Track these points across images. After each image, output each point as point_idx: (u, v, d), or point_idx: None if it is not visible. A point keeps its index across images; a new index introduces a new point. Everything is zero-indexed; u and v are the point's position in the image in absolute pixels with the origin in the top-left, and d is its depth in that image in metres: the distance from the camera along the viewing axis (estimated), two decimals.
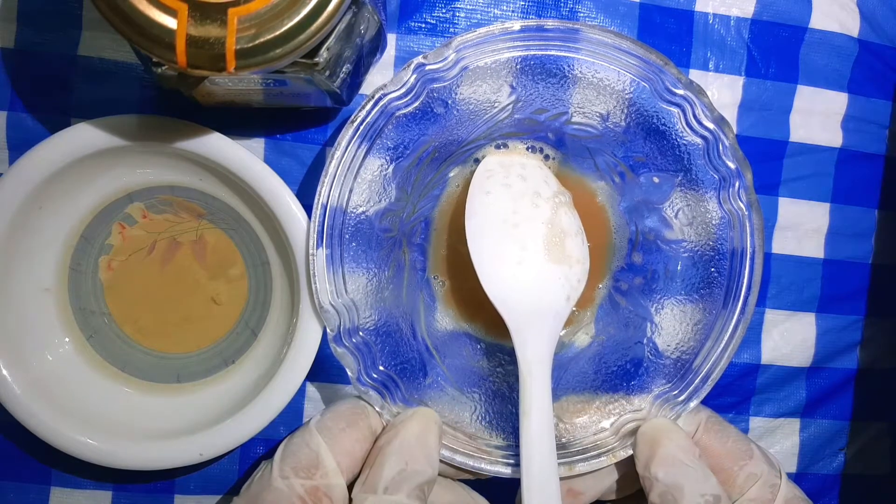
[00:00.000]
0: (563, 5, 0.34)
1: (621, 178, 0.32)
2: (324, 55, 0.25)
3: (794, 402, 0.37)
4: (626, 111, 0.30)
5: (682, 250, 0.31)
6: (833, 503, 0.38)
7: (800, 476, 0.37)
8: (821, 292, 0.37)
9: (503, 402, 0.32)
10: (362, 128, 0.28)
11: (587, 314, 0.34)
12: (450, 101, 0.29)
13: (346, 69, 0.28)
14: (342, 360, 0.29)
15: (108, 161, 0.30)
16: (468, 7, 0.34)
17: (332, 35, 0.25)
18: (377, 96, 0.28)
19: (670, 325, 0.31)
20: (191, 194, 0.33)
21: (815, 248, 0.37)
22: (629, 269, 0.33)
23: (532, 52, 0.28)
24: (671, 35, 0.35)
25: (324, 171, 0.28)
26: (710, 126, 0.29)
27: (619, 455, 0.30)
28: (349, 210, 0.29)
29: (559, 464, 0.29)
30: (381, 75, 0.33)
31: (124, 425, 0.32)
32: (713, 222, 0.30)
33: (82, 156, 0.29)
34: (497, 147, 0.32)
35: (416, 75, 0.28)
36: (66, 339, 0.33)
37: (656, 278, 0.32)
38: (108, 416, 0.32)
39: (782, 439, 0.37)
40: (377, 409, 0.29)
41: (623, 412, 0.31)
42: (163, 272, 0.33)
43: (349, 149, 0.28)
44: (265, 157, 0.34)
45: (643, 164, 0.31)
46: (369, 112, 0.28)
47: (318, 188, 0.28)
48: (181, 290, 0.33)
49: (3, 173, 0.31)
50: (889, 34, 0.36)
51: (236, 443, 0.30)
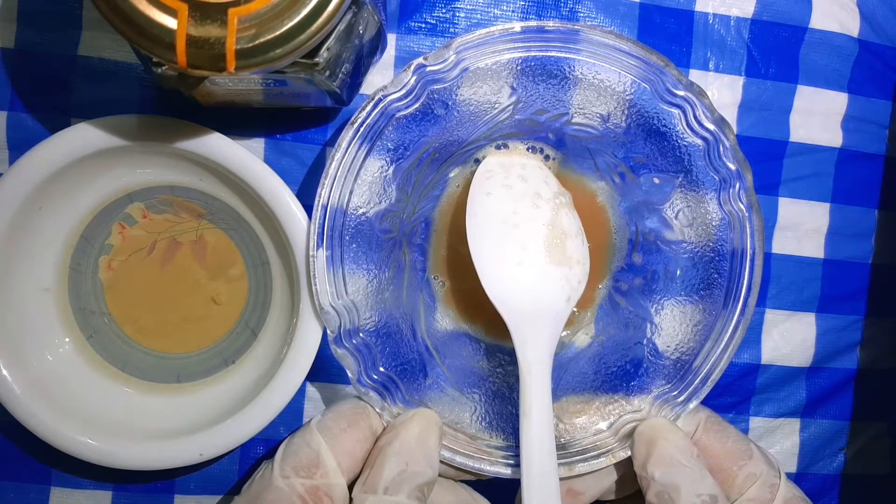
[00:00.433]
0: (563, 5, 0.34)
1: (622, 178, 0.32)
2: (324, 55, 0.25)
3: (794, 402, 0.37)
4: (626, 112, 0.30)
5: (683, 251, 0.31)
6: (833, 503, 0.38)
7: (800, 476, 0.37)
8: (821, 292, 0.37)
9: (503, 402, 0.32)
10: (363, 129, 0.28)
11: (587, 315, 0.34)
12: (450, 103, 0.29)
13: (346, 69, 0.28)
14: (342, 361, 0.29)
15: (108, 161, 0.30)
16: (468, 7, 0.34)
17: (332, 35, 0.25)
18: (377, 97, 0.28)
19: (670, 325, 0.31)
20: (191, 194, 0.33)
21: (815, 248, 0.37)
22: (629, 270, 0.33)
23: (532, 54, 0.28)
24: (671, 35, 0.35)
25: (324, 173, 0.28)
26: (711, 127, 0.29)
27: (619, 455, 0.30)
28: (349, 211, 0.29)
29: (559, 464, 0.29)
30: (381, 75, 0.33)
31: (124, 425, 0.32)
32: (713, 223, 0.30)
33: (82, 156, 0.29)
34: (497, 148, 0.32)
35: (416, 76, 0.28)
36: (66, 339, 0.33)
37: (656, 279, 0.32)
38: (108, 416, 0.32)
39: (782, 439, 0.37)
40: (377, 410, 0.29)
41: (623, 413, 0.31)
42: (163, 272, 0.33)
43: (349, 150, 0.28)
44: (265, 157, 0.34)
45: (643, 165, 0.31)
46: (370, 113, 0.28)
47: (319, 189, 0.28)
48: (181, 290, 0.33)
49: (3, 173, 0.31)
50: (889, 34, 0.36)
51: (236, 443, 0.30)
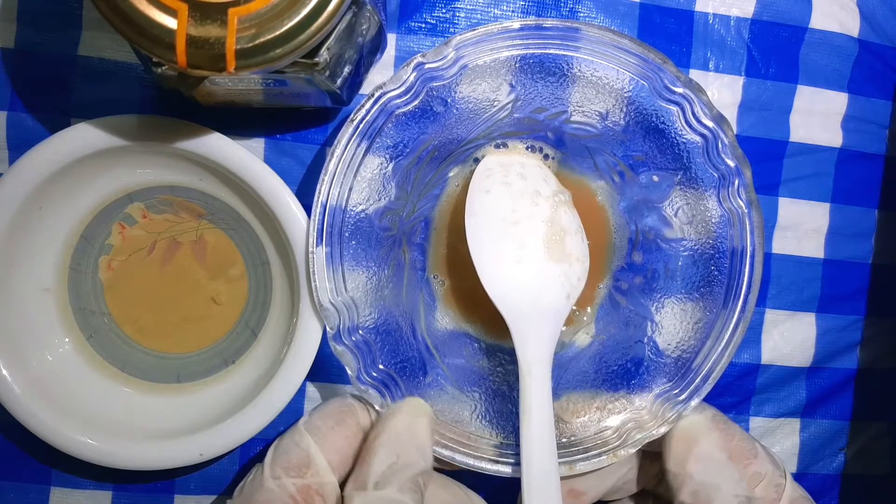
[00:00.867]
0: (563, 5, 0.34)
1: (621, 177, 0.32)
2: (324, 55, 0.25)
3: (794, 402, 0.37)
4: (625, 110, 0.30)
5: (682, 249, 0.31)
6: (833, 503, 0.38)
7: (800, 476, 0.37)
8: (821, 292, 0.37)
9: (503, 401, 0.32)
10: (362, 126, 0.28)
11: (587, 313, 0.34)
12: (449, 100, 0.29)
13: (347, 69, 0.28)
14: (342, 358, 0.29)
15: (108, 161, 0.30)
16: (468, 7, 0.34)
17: (333, 35, 0.25)
18: (377, 95, 0.28)
19: (671, 323, 0.31)
20: (191, 194, 0.33)
21: (815, 248, 0.37)
22: (629, 269, 0.33)
23: (531, 51, 0.28)
24: (671, 35, 0.35)
25: (323, 170, 0.28)
26: (710, 124, 0.29)
27: (620, 454, 0.30)
28: (349, 208, 0.29)
29: (560, 463, 0.29)
30: (381, 75, 0.33)
31: (124, 425, 0.32)
32: (713, 220, 0.30)
33: (82, 156, 0.29)
34: (496, 146, 0.32)
35: (415, 74, 0.28)
36: (66, 339, 0.33)
37: (656, 277, 0.32)
38: (108, 416, 0.32)
39: (782, 439, 0.37)
40: (377, 408, 0.29)
41: (624, 411, 0.31)
42: (163, 272, 0.33)
43: (349, 147, 0.28)
44: (265, 157, 0.34)
45: (642, 163, 0.31)
46: (369, 110, 0.28)
47: (318, 186, 0.28)
48: (181, 290, 0.33)
49: (3, 173, 0.31)
50: (889, 34, 0.36)
51: (236, 443, 0.30)
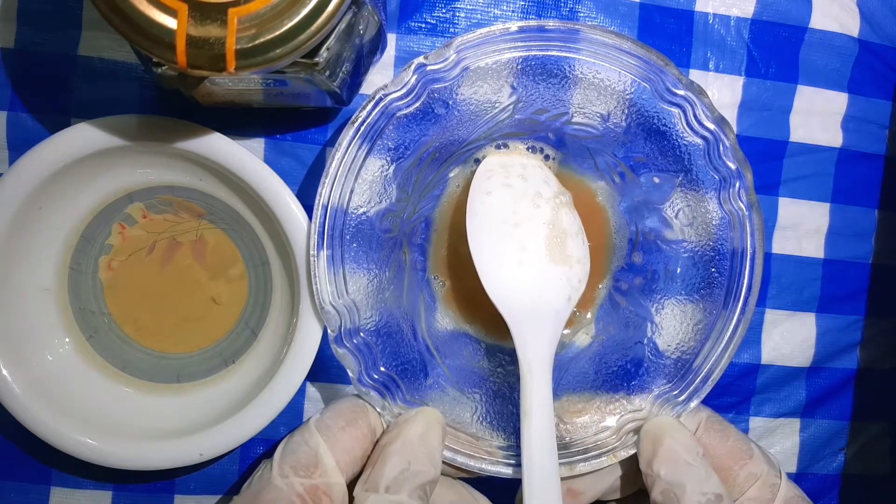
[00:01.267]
0: (563, 5, 0.34)
1: (621, 178, 0.32)
2: (324, 55, 0.25)
3: (794, 402, 0.37)
4: (626, 111, 0.30)
5: (683, 250, 0.31)
6: (833, 503, 0.38)
7: (800, 476, 0.37)
8: (821, 292, 0.37)
9: (504, 402, 0.32)
10: (363, 128, 0.28)
11: (587, 314, 0.34)
12: (450, 102, 0.29)
13: (346, 69, 0.28)
14: (343, 360, 0.29)
15: (108, 161, 0.30)
16: (468, 7, 0.34)
17: (332, 35, 0.25)
18: (378, 97, 0.28)
19: (671, 325, 0.31)
20: (191, 194, 0.32)
21: (815, 248, 0.37)
22: (629, 270, 0.33)
23: (533, 53, 0.28)
24: (671, 35, 0.35)
25: (324, 172, 0.28)
26: (711, 126, 0.29)
27: (620, 455, 0.30)
28: (350, 210, 0.29)
29: (560, 464, 0.29)
30: (381, 75, 0.33)
31: (124, 425, 0.32)
32: (713, 222, 0.30)
33: (82, 156, 0.29)
34: (497, 147, 0.32)
35: (416, 76, 0.28)
36: (66, 339, 0.33)
37: (656, 278, 0.32)
38: (108, 416, 0.32)
39: (782, 439, 0.37)
40: (378, 410, 0.29)
41: (624, 412, 0.31)
42: (163, 272, 0.33)
43: (350, 149, 0.28)
44: (265, 157, 0.34)
45: (643, 165, 0.31)
46: (370, 112, 0.28)
47: (319, 189, 0.28)
48: (181, 290, 0.33)
49: (3, 173, 0.31)
50: (889, 34, 0.36)
51: (236, 443, 0.30)
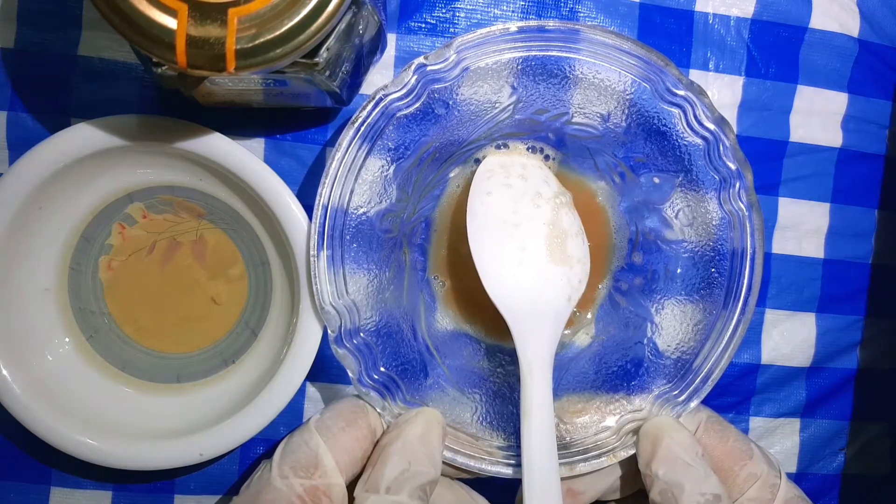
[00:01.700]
0: (563, 5, 0.34)
1: (621, 178, 0.32)
2: (324, 55, 0.25)
3: (794, 402, 0.37)
4: (626, 112, 0.30)
5: (683, 250, 0.31)
6: (833, 503, 0.38)
7: (800, 476, 0.37)
8: (821, 292, 0.37)
9: (504, 402, 0.32)
10: (363, 128, 0.28)
11: (587, 314, 0.34)
12: (451, 102, 0.29)
13: (346, 69, 0.28)
14: (343, 361, 0.29)
15: (108, 161, 0.30)
16: (468, 7, 0.34)
17: (332, 35, 0.25)
18: (378, 97, 0.28)
19: (670, 325, 0.31)
20: (191, 194, 0.32)
21: (815, 248, 0.37)
22: (629, 270, 0.33)
23: (533, 53, 0.28)
24: (671, 35, 0.35)
25: (325, 172, 0.28)
26: (711, 127, 0.29)
27: (620, 455, 0.30)
28: (350, 211, 0.29)
29: (560, 464, 0.29)
30: (381, 75, 0.33)
31: (124, 425, 0.32)
32: (713, 223, 0.30)
33: (82, 156, 0.29)
34: (497, 147, 0.32)
35: (416, 76, 0.28)
36: (66, 339, 0.33)
37: (656, 278, 0.32)
38: (108, 416, 0.32)
39: (782, 439, 0.37)
40: (378, 410, 0.29)
41: (624, 412, 0.31)
42: (163, 272, 0.33)
43: (350, 149, 0.28)
44: (265, 157, 0.34)
45: (644, 165, 0.31)
46: (370, 113, 0.28)
47: (319, 189, 0.28)
48: (181, 290, 0.33)
49: (3, 173, 0.31)
50: (889, 34, 0.36)
51: (236, 443, 0.30)
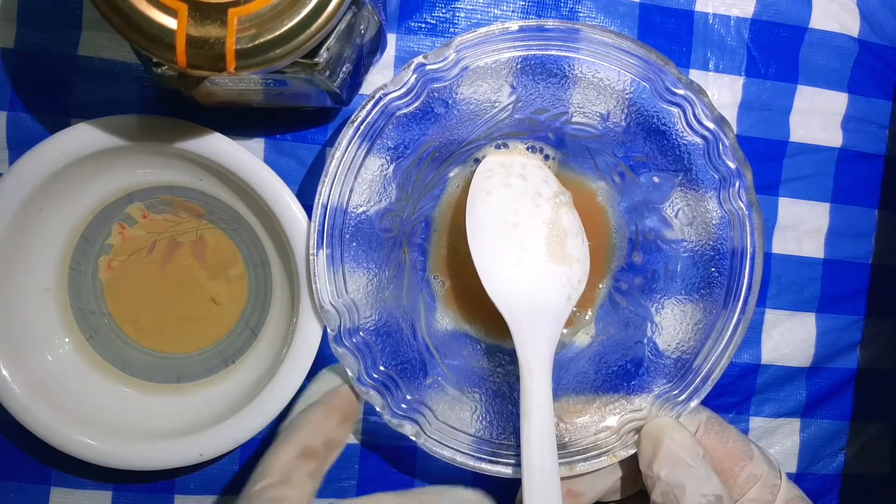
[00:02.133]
0: (563, 5, 0.34)
1: (621, 177, 0.32)
2: (324, 55, 0.25)
3: (794, 402, 0.37)
4: (626, 111, 0.30)
5: (683, 250, 0.31)
6: (833, 503, 0.38)
7: (800, 476, 0.37)
8: (821, 292, 0.37)
9: (504, 402, 0.32)
10: (363, 128, 0.28)
11: (587, 314, 0.34)
12: (450, 101, 0.29)
13: (346, 69, 0.28)
14: (343, 360, 0.29)
15: (108, 161, 0.30)
16: (468, 7, 0.34)
17: (332, 35, 0.25)
18: (377, 96, 0.28)
19: (670, 324, 0.31)
20: (191, 194, 0.33)
21: (815, 248, 0.37)
22: (629, 269, 0.33)
23: (532, 52, 0.28)
24: (671, 35, 0.35)
25: (324, 171, 0.28)
26: (711, 126, 0.29)
27: (620, 455, 0.30)
28: (349, 210, 0.29)
29: (560, 464, 0.29)
30: (381, 75, 0.33)
31: (124, 425, 0.32)
32: (713, 222, 0.30)
33: (82, 156, 0.29)
34: (497, 147, 0.32)
35: (416, 75, 0.28)
36: (66, 339, 0.33)
37: (656, 278, 0.32)
38: (108, 416, 0.32)
39: (782, 439, 0.37)
40: (377, 409, 0.29)
41: (623, 412, 0.31)
42: (163, 272, 0.33)
43: (349, 148, 0.28)
44: (265, 157, 0.34)
45: (643, 164, 0.31)
46: (370, 112, 0.28)
47: (319, 188, 0.28)
48: (181, 290, 0.33)
49: (3, 173, 0.31)
50: (889, 34, 0.36)
51: (236, 443, 0.30)
